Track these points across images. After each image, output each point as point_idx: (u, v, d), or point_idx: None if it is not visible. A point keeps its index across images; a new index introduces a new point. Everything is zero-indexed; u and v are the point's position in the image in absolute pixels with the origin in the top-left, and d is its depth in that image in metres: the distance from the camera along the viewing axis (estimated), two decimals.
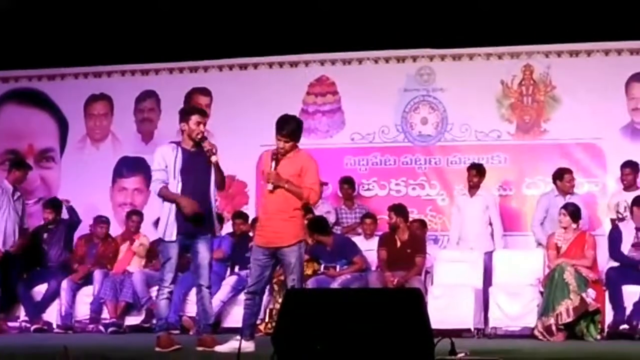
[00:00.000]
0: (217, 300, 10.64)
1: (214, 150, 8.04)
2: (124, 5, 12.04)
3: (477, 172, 11.23)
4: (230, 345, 7.66)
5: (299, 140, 7.91)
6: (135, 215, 11.88)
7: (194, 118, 8.13)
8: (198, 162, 8.12)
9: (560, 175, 10.96)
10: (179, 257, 8.18)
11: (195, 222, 8.03)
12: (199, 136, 8.10)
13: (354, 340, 5.60)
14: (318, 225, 10.91)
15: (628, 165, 10.98)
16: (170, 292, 8.24)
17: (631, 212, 10.43)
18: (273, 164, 7.80)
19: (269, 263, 7.90)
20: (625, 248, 10.35)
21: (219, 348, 7.75)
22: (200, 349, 8.02)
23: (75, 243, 11.90)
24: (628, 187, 10.95)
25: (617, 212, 10.87)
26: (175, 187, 8.07)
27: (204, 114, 8.35)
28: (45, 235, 11.82)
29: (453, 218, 11.45)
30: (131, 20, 12.15)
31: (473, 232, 11.13)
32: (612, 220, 10.93)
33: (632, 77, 11.66)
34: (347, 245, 10.97)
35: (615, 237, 10.45)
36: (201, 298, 8.24)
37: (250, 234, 10.64)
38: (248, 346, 7.62)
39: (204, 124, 8.21)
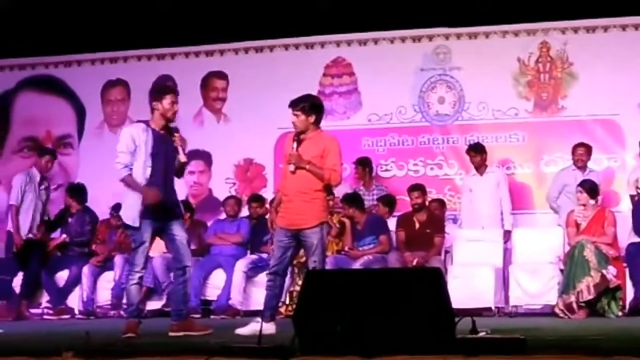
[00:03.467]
0: (236, 284, 10.70)
1: (183, 146, 8.02)
2: None
3: (474, 152, 11.25)
4: (251, 328, 7.62)
5: (316, 117, 7.88)
6: None
7: (168, 97, 7.93)
8: (168, 145, 7.96)
9: (574, 149, 11.01)
10: (151, 241, 7.97)
11: (159, 212, 7.84)
12: (173, 116, 7.97)
13: (374, 320, 5.62)
14: (354, 199, 10.93)
15: None
16: (141, 277, 8.04)
17: None
18: (295, 145, 7.81)
19: (291, 244, 7.89)
20: None
21: (239, 331, 7.70)
22: (181, 333, 7.85)
23: (97, 227, 11.95)
24: None
25: (637, 187, 10.81)
26: (144, 170, 7.86)
27: (176, 93, 8.10)
28: (70, 220, 11.86)
29: (463, 198, 11.46)
30: (147, 4, 12.14)
31: (485, 211, 11.14)
32: (632, 197, 10.88)
33: None
34: (378, 223, 10.96)
35: (638, 212, 10.39)
36: (184, 281, 8.06)
37: (267, 216, 10.64)
38: (269, 328, 7.59)
39: (176, 103, 7.99)
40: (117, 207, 11.81)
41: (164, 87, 8.19)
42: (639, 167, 11.03)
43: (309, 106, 7.86)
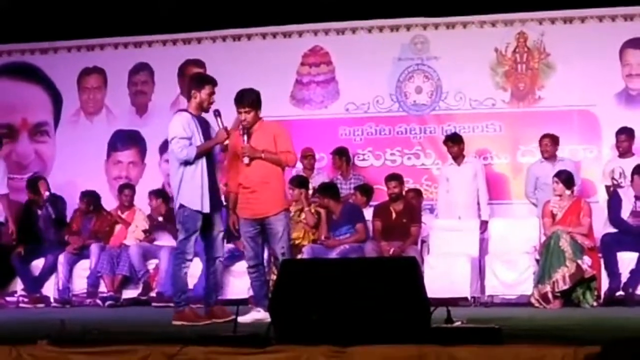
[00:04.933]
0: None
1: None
2: None
3: (452, 142, 11.27)
4: (252, 317, 7.79)
5: (260, 109, 8.04)
6: (127, 189, 11.88)
7: (207, 88, 8.05)
8: (212, 131, 8.11)
9: (540, 141, 11.07)
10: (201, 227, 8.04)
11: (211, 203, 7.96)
12: (208, 106, 8.06)
13: (350, 309, 5.62)
14: (329, 189, 10.94)
15: (623, 131, 10.97)
16: (210, 274, 8.25)
17: (632, 181, 10.40)
18: (245, 137, 7.96)
19: (259, 234, 8.07)
20: (624, 215, 10.36)
21: (241, 319, 7.69)
22: (209, 321, 7.93)
23: (72, 216, 11.93)
24: (623, 154, 10.95)
25: (613, 178, 10.87)
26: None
27: (215, 84, 8.16)
28: (38, 212, 11.82)
29: (440, 188, 11.48)
30: None
31: (461, 201, 11.17)
32: (608, 187, 10.94)
33: (626, 43, 11.62)
34: (355, 212, 10.95)
35: (615, 203, 10.44)
36: (214, 271, 8.23)
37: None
38: (265, 317, 7.58)
39: (214, 94, 8.11)
40: (89, 194, 11.82)
41: (204, 77, 8.23)
42: (615, 158, 11.08)
43: (255, 100, 8.02)
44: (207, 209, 7.96)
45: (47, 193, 11.79)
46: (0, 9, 12.26)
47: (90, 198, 11.80)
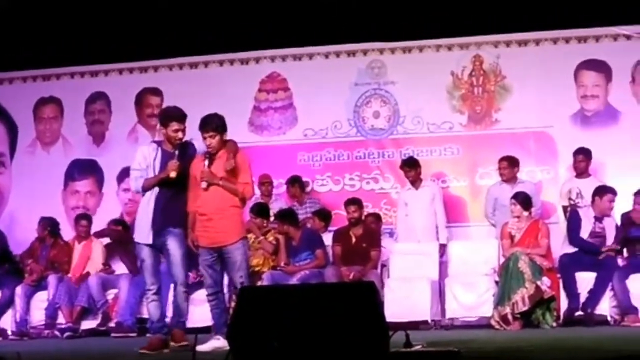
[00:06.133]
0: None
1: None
2: (69, 7, 11.90)
3: (408, 167, 11.30)
4: (212, 345, 7.78)
5: (225, 134, 7.99)
6: (83, 220, 11.77)
7: (173, 125, 8.01)
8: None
9: (498, 164, 11.13)
10: (153, 258, 8.08)
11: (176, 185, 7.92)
12: (177, 142, 8.00)
13: (309, 335, 5.60)
14: (288, 216, 10.91)
15: (580, 152, 11.07)
16: (155, 294, 8.18)
17: (592, 201, 10.47)
18: (207, 162, 7.92)
19: (217, 262, 8.04)
20: (583, 236, 10.39)
21: (200, 348, 7.69)
22: (172, 344, 8.03)
23: (30, 245, 11.78)
24: (580, 174, 11.05)
25: (570, 199, 10.94)
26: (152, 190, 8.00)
27: (182, 119, 8.08)
28: None
29: (399, 212, 11.49)
30: (77, 21, 12.02)
31: (420, 225, 11.19)
32: (565, 207, 11.01)
33: (580, 64, 11.75)
34: (314, 238, 10.94)
35: (574, 223, 10.47)
36: (175, 295, 8.20)
37: None
38: (224, 344, 7.53)
39: (183, 130, 8.04)
40: (48, 220, 11.71)
41: (170, 114, 8.15)
42: (572, 178, 11.16)
43: (220, 125, 7.98)
44: (149, 240, 7.97)
45: None
46: None
47: (49, 223, 11.68)
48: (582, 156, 11.04)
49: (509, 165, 11.08)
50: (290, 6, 11.62)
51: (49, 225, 11.67)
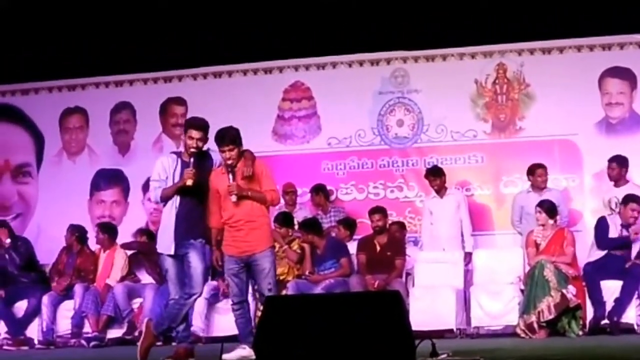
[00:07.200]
0: (198, 310, 10.57)
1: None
2: (95, 17, 11.99)
3: (433, 176, 11.30)
4: (238, 354, 7.79)
5: (242, 145, 7.97)
6: (104, 229, 11.77)
7: (190, 132, 7.95)
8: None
9: (532, 171, 11.07)
10: (177, 268, 8.02)
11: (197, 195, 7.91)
12: (192, 151, 7.92)
13: (335, 344, 5.61)
14: (312, 225, 10.93)
15: (614, 160, 10.98)
16: (175, 302, 8.08)
17: (620, 210, 10.44)
18: (230, 176, 7.90)
19: (243, 271, 8.03)
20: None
21: (226, 356, 7.71)
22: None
23: (57, 256, 11.83)
24: (617, 182, 10.96)
25: (611, 208, 10.84)
26: (173, 200, 7.98)
27: (200, 128, 7.97)
28: (6, 256, 11.71)
29: (424, 221, 11.49)
30: (103, 32, 12.11)
31: (445, 234, 11.18)
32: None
33: (604, 72, 11.70)
34: (338, 247, 10.95)
35: (602, 229, 10.42)
36: (181, 305, 8.05)
37: None
38: (250, 354, 7.54)
39: (202, 139, 7.94)
40: (77, 228, 11.78)
41: (191, 121, 8.16)
42: (611, 188, 11.00)
43: (237, 138, 7.96)
44: (171, 251, 7.95)
45: (8, 241, 11.69)
46: None
47: (77, 230, 11.75)
48: (615, 164, 10.96)
49: (545, 173, 11.03)
50: (314, 16, 11.66)
51: (77, 232, 11.74)
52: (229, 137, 7.92)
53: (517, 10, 11.30)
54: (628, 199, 10.40)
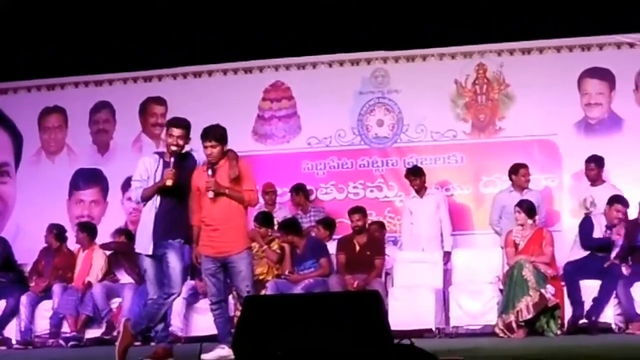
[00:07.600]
0: (176, 310, 10.54)
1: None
2: (74, 17, 11.95)
3: (413, 176, 11.32)
4: (217, 354, 7.78)
5: (226, 144, 7.98)
6: (83, 229, 11.70)
7: (171, 130, 7.94)
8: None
9: (516, 170, 11.08)
10: (155, 268, 8.00)
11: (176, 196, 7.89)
12: (172, 149, 7.92)
13: (314, 344, 5.61)
14: (292, 225, 10.93)
15: (592, 160, 10.99)
16: (153, 302, 8.05)
17: (604, 211, 10.45)
18: (210, 172, 7.91)
19: (221, 270, 8.03)
20: None
21: (205, 356, 7.71)
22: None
23: (38, 255, 11.78)
24: (594, 182, 10.97)
25: (585, 207, 10.88)
26: (153, 200, 7.95)
27: (180, 126, 7.97)
28: None
29: (403, 220, 11.50)
30: (83, 31, 12.07)
31: (425, 233, 11.20)
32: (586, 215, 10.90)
33: (584, 72, 11.74)
34: (318, 247, 10.95)
35: (586, 228, 10.44)
36: (160, 305, 8.03)
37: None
38: (229, 354, 7.53)
39: (182, 137, 7.93)
40: (57, 227, 11.73)
41: (172, 120, 8.15)
42: (587, 188, 11.01)
43: (221, 136, 7.97)
44: (149, 251, 7.92)
45: None
46: None
47: (56, 228, 11.70)
48: (594, 164, 10.98)
49: (528, 172, 11.05)
50: (294, 15, 11.65)
51: (56, 229, 11.69)
52: (213, 133, 7.92)
53: (496, 11, 11.32)
54: (613, 199, 10.42)
